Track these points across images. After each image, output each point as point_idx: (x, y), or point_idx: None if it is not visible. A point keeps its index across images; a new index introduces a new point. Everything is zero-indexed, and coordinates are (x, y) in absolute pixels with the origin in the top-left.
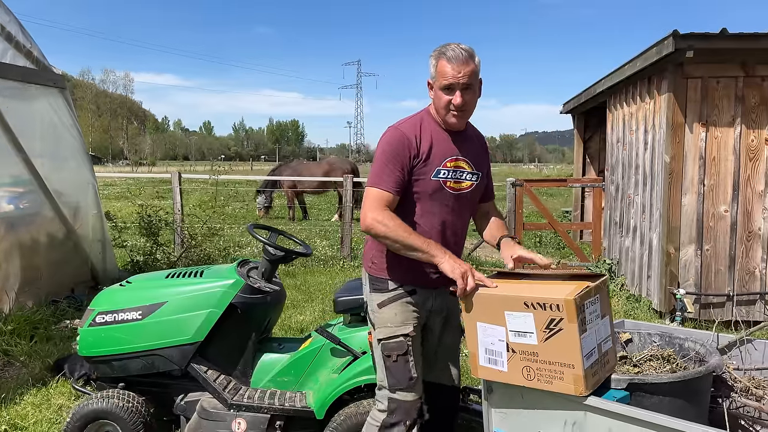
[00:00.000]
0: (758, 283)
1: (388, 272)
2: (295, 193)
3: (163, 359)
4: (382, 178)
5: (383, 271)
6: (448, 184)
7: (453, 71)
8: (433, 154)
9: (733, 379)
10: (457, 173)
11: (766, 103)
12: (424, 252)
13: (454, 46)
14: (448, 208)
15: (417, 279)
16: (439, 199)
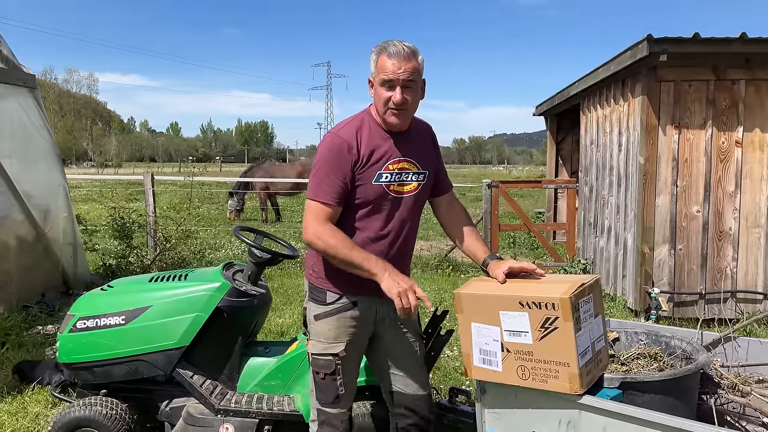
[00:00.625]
0: (729, 282)
1: (328, 281)
2: (268, 194)
3: (148, 365)
4: (322, 189)
5: (323, 280)
6: (391, 187)
7: (393, 67)
8: (374, 158)
9: (720, 376)
10: (401, 176)
11: (736, 106)
12: (364, 269)
13: (396, 42)
14: (393, 213)
15: (359, 288)
16: (383, 204)
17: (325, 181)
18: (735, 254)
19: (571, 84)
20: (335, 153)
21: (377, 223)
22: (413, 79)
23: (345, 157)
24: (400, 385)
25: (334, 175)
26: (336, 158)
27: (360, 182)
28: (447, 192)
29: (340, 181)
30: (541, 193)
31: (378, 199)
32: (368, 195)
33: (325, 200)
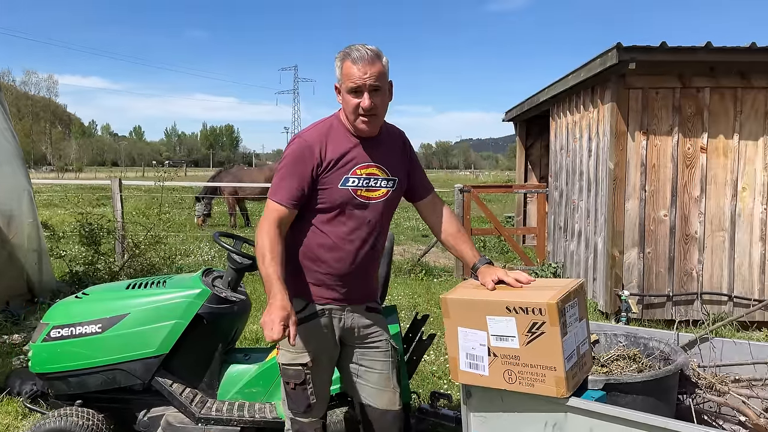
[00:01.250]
0: (695, 284)
1: (293, 289)
2: (237, 199)
3: (125, 374)
4: (279, 190)
5: (288, 287)
6: (358, 192)
7: (359, 72)
8: (341, 162)
9: (697, 376)
10: (369, 181)
11: (701, 113)
12: (265, 281)
13: (359, 46)
14: (360, 219)
15: (327, 296)
16: (349, 210)
17: (283, 183)
18: (701, 257)
19: (541, 90)
20: (297, 157)
21: (344, 228)
22: (380, 83)
23: (306, 161)
24: (369, 398)
25: (292, 178)
26: (297, 161)
27: (325, 186)
28: (428, 195)
29: (297, 185)
30: (509, 198)
31: (344, 204)
32: (334, 199)
33: (280, 200)
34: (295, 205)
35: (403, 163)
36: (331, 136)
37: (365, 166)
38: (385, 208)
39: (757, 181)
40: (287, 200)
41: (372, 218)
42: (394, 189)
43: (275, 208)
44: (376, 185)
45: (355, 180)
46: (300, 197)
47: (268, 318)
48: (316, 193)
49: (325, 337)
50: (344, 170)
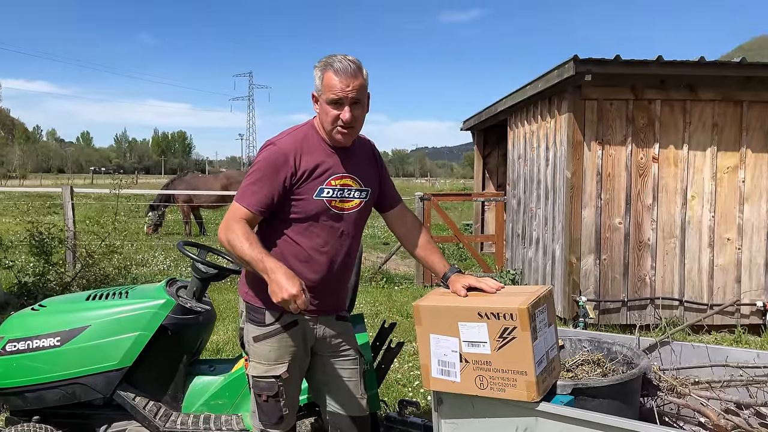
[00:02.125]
0: (648, 289)
1: (264, 300)
2: (191, 207)
3: (86, 388)
4: (247, 194)
5: (260, 299)
6: (332, 203)
7: (341, 84)
8: (316, 172)
9: (659, 379)
10: (343, 192)
11: (652, 124)
12: (257, 268)
13: (341, 57)
14: (333, 229)
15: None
16: (323, 220)
17: (253, 188)
18: (653, 263)
19: (499, 100)
20: (271, 164)
21: (318, 239)
22: (360, 97)
23: (280, 170)
24: (337, 406)
25: (263, 185)
26: (270, 169)
27: (300, 196)
28: (397, 205)
29: (268, 192)
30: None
31: (318, 215)
32: (309, 210)
33: (248, 205)
34: (262, 212)
35: (374, 174)
36: (306, 145)
37: (340, 176)
38: (358, 218)
39: (705, 189)
40: (255, 206)
41: (346, 229)
42: (367, 199)
43: (242, 212)
44: (350, 196)
45: (330, 191)
46: (269, 205)
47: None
48: (289, 203)
49: (297, 347)
50: (319, 181)
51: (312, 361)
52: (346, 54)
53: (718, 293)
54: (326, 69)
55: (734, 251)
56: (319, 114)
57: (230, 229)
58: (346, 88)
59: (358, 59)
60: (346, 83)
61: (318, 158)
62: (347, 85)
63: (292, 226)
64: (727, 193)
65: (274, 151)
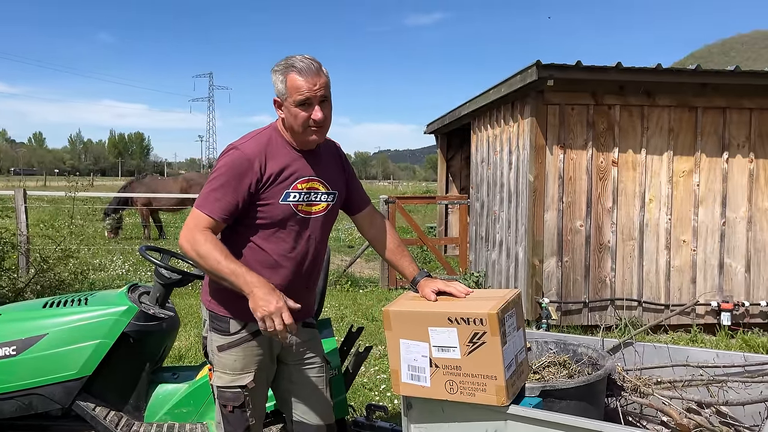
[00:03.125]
0: (609, 290)
1: (230, 309)
2: (150, 210)
3: (43, 398)
4: (209, 201)
5: (224, 307)
6: (299, 207)
7: (308, 84)
8: (282, 176)
9: (622, 380)
10: (310, 195)
11: (612, 129)
12: (234, 284)
13: (300, 57)
14: (300, 234)
15: None
16: (289, 225)
17: (215, 194)
18: (613, 265)
19: (462, 104)
20: (234, 169)
21: (285, 244)
22: (327, 94)
23: (244, 176)
24: (303, 415)
25: (226, 190)
26: (234, 174)
27: (265, 201)
28: (365, 207)
29: (232, 198)
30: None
31: (285, 219)
32: (275, 215)
33: (211, 213)
34: (226, 219)
35: (341, 176)
36: (270, 149)
37: (306, 180)
38: (325, 222)
39: (662, 193)
40: (219, 213)
41: (313, 233)
42: (334, 203)
43: (205, 220)
44: (316, 199)
45: (296, 195)
46: (233, 212)
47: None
48: (255, 209)
49: (263, 356)
50: (285, 185)
51: (278, 370)
52: (302, 54)
53: (674, 294)
54: (288, 71)
55: (690, 253)
56: (286, 118)
57: (197, 241)
58: (313, 87)
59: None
60: (312, 82)
61: (283, 162)
62: (314, 84)
63: (257, 232)
64: (682, 196)
65: (238, 156)
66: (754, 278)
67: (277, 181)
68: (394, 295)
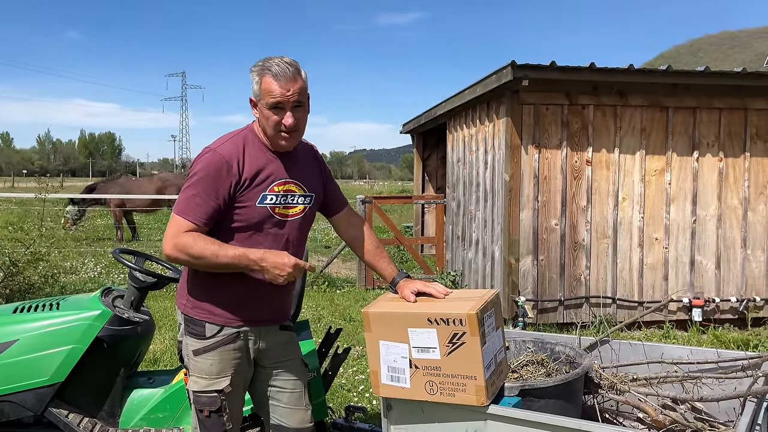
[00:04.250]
0: (583, 288)
1: (206, 312)
2: (124, 212)
3: (14, 405)
4: (190, 207)
5: (200, 311)
6: (276, 210)
7: (281, 89)
8: (258, 179)
9: (599, 377)
10: (287, 198)
11: (586, 129)
12: (241, 267)
13: (278, 60)
14: (277, 236)
15: (240, 318)
16: (266, 227)
17: (195, 199)
18: (588, 263)
19: (438, 104)
20: (213, 172)
21: (262, 247)
22: (302, 99)
23: (222, 178)
24: (281, 418)
25: (207, 195)
26: (212, 178)
27: (242, 203)
28: (343, 209)
29: (213, 202)
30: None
31: (262, 222)
32: (251, 217)
33: (193, 219)
34: (207, 224)
35: (318, 178)
36: (247, 150)
37: (283, 182)
38: (302, 224)
39: (635, 191)
40: (200, 218)
41: (290, 235)
42: (311, 205)
43: (185, 225)
44: (293, 202)
45: (273, 197)
46: (214, 216)
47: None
48: (232, 212)
49: (240, 360)
50: (262, 187)
51: (255, 373)
52: (282, 56)
53: (647, 291)
54: (264, 73)
55: (662, 250)
56: (260, 119)
57: (186, 244)
58: (286, 92)
59: (296, 60)
60: (286, 87)
61: (260, 164)
62: (287, 89)
63: (233, 235)
64: (654, 194)
65: (215, 158)
66: (724, 274)
67: (254, 183)
68: (372, 296)
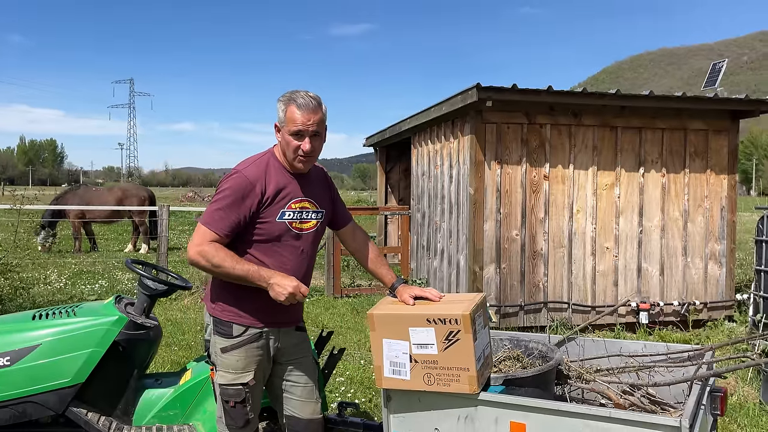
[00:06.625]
0: (542, 294)
1: (233, 315)
2: (83, 222)
3: (37, 406)
4: (215, 219)
5: (228, 313)
6: (293, 224)
7: (303, 119)
8: (278, 197)
9: (568, 369)
10: (302, 214)
11: (543, 146)
12: (250, 281)
13: (303, 93)
14: (293, 248)
15: (263, 321)
16: (284, 240)
17: (220, 213)
18: (546, 270)
19: (403, 120)
20: (239, 192)
21: (281, 258)
22: (319, 129)
23: (248, 197)
24: (295, 410)
25: (231, 210)
26: (238, 196)
27: (264, 219)
28: (348, 223)
29: (236, 217)
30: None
31: (281, 235)
32: (272, 231)
33: (216, 230)
34: (228, 236)
35: (327, 197)
36: (269, 172)
37: (299, 200)
38: (315, 237)
39: (588, 204)
40: (223, 230)
41: (305, 247)
42: (322, 220)
43: (209, 235)
44: (307, 217)
45: (291, 213)
46: (236, 229)
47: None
48: (254, 226)
49: (261, 357)
50: (281, 204)
51: (273, 369)
52: (307, 90)
53: (599, 296)
54: (290, 103)
55: (612, 258)
56: (281, 143)
57: (208, 253)
58: (307, 122)
59: (318, 95)
60: (307, 117)
61: (280, 184)
62: (308, 119)
63: (255, 247)
64: (605, 207)
65: (243, 180)
66: (667, 280)
67: (274, 201)
68: (341, 303)
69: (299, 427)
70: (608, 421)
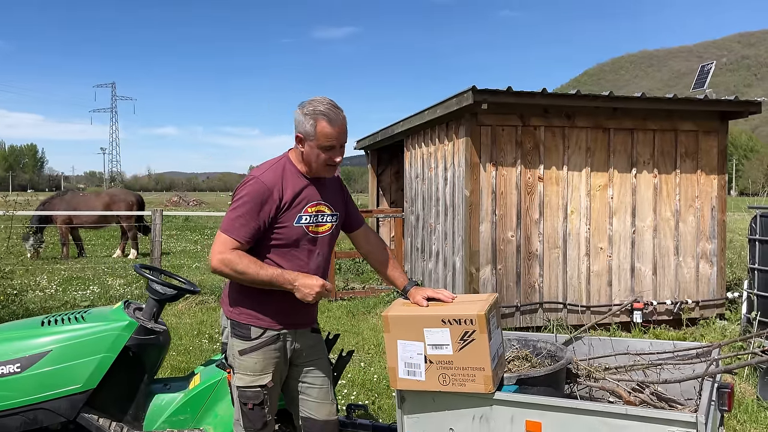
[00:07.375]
0: (537, 295)
1: (250, 317)
2: (71, 228)
3: (49, 412)
4: (235, 227)
5: (246, 316)
6: (310, 228)
7: (336, 133)
8: (295, 201)
9: (577, 368)
10: (318, 217)
11: (538, 148)
12: (275, 285)
13: (327, 105)
14: (310, 250)
15: (281, 322)
16: (301, 243)
17: (240, 220)
18: (541, 271)
19: (396, 123)
20: (258, 198)
21: (299, 261)
22: (346, 140)
23: (266, 203)
24: (311, 411)
25: (250, 217)
26: (257, 202)
27: (282, 224)
28: (361, 226)
29: (255, 224)
30: None
31: (298, 239)
32: (290, 235)
33: (237, 237)
34: (249, 242)
35: (341, 200)
36: (286, 178)
37: (315, 204)
38: (330, 240)
39: (582, 205)
40: (244, 237)
41: (320, 250)
42: (337, 223)
43: (230, 242)
44: (323, 221)
45: (307, 217)
46: (256, 235)
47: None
48: (272, 231)
49: (279, 359)
50: (298, 209)
51: (289, 371)
52: (323, 96)
53: (594, 296)
54: (319, 118)
55: (606, 259)
56: (307, 154)
57: (231, 261)
58: (340, 136)
59: (334, 101)
60: (340, 131)
61: (297, 189)
62: (340, 134)
63: (274, 250)
64: (599, 208)
65: (260, 186)
66: (660, 280)
67: (292, 206)
68: (335, 307)
69: (315, 429)
70: (625, 418)
